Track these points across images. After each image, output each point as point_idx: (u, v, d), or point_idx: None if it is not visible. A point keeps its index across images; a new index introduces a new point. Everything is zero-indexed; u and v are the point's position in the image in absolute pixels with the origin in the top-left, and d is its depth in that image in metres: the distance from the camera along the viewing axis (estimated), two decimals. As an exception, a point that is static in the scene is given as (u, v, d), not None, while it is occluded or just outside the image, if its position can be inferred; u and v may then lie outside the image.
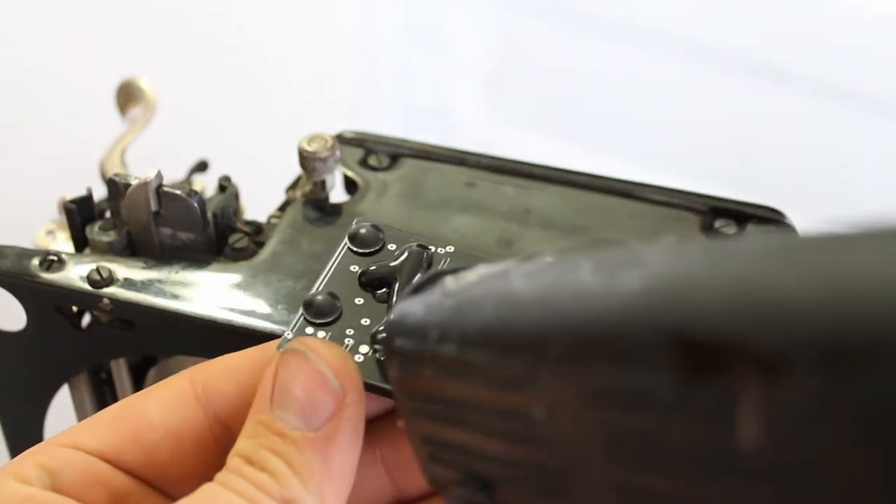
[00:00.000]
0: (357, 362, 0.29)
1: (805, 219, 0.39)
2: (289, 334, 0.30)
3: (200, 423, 0.29)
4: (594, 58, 0.88)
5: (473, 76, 0.94)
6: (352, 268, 0.32)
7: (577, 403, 0.20)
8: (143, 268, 0.35)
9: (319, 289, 0.32)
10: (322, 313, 0.31)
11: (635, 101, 0.88)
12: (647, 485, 0.20)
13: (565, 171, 0.38)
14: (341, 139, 0.39)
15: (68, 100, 0.74)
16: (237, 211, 0.38)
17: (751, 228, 0.36)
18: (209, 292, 0.35)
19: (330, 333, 0.30)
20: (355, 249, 0.33)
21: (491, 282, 0.24)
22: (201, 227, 0.36)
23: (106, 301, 0.34)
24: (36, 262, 0.35)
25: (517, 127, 0.92)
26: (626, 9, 0.87)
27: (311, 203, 0.37)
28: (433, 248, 0.33)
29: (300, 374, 0.27)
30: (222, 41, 0.83)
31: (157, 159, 0.36)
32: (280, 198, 0.39)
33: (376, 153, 0.39)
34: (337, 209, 0.37)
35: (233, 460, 0.27)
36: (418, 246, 0.32)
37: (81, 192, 0.37)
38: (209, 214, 0.36)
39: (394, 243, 0.33)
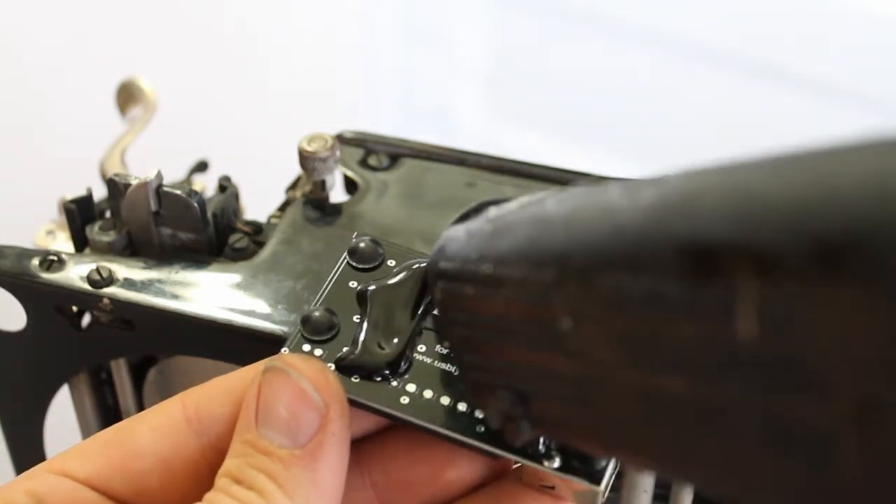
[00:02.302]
0: (341, 377, 0.29)
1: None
2: (285, 351, 0.30)
3: (192, 449, 0.29)
4: (594, 58, 0.88)
5: (473, 76, 0.94)
6: (350, 284, 0.32)
7: (599, 311, 0.22)
8: (143, 268, 0.35)
9: (317, 304, 0.31)
10: (319, 331, 0.30)
11: (635, 101, 0.88)
12: (664, 386, 0.21)
13: (565, 171, 0.38)
14: (341, 139, 0.39)
15: (68, 100, 0.74)
16: (237, 211, 0.38)
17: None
18: (209, 292, 0.35)
19: (327, 351, 0.30)
20: (354, 265, 0.32)
21: (528, 208, 0.26)
22: (201, 227, 0.36)
23: (106, 301, 0.34)
24: (36, 262, 0.35)
25: (517, 127, 0.92)
26: (626, 9, 0.87)
27: (311, 203, 0.37)
28: None
29: (283, 393, 0.27)
30: (222, 41, 0.83)
31: (157, 159, 0.36)
32: (280, 198, 0.39)
33: (376, 153, 0.39)
34: (337, 209, 0.37)
35: (220, 480, 0.27)
36: (418, 266, 0.32)
37: (81, 192, 0.37)
38: (209, 214, 0.36)
39: (393, 259, 0.32)
